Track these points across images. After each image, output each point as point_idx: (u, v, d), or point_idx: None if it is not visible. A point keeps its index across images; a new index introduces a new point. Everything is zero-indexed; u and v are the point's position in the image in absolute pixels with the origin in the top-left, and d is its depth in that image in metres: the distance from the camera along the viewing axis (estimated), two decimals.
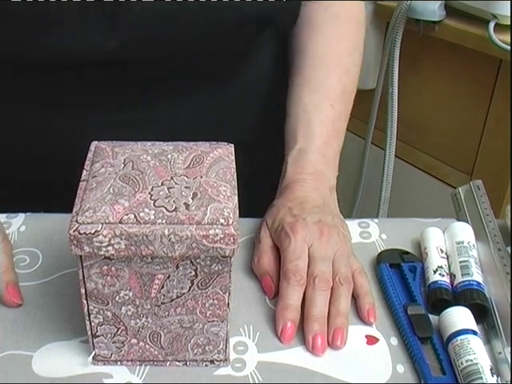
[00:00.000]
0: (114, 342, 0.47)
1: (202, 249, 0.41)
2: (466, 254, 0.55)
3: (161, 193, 0.43)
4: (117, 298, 0.44)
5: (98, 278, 0.43)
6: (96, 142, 0.49)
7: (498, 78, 1.13)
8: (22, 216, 0.62)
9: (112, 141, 0.49)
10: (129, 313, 0.45)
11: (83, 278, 0.43)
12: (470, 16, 1.10)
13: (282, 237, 0.54)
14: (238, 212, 0.43)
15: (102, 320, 0.45)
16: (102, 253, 0.41)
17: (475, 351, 0.46)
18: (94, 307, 0.45)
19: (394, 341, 0.51)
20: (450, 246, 0.57)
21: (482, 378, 0.45)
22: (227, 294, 0.45)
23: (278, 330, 0.50)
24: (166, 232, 0.41)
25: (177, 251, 0.41)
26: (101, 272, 0.43)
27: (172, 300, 0.45)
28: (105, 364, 0.48)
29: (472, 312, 0.50)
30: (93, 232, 0.40)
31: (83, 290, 0.44)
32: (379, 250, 0.59)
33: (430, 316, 0.52)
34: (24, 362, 0.48)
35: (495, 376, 0.45)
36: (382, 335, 0.51)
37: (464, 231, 0.58)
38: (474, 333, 0.48)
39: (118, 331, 0.46)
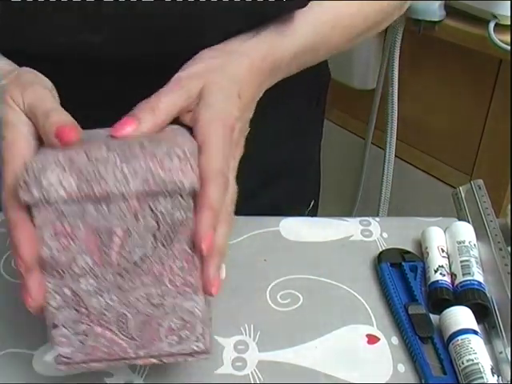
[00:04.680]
0: (76, 334, 0.42)
1: (158, 183, 0.39)
2: (466, 254, 0.55)
3: (115, 143, 0.41)
4: (74, 267, 0.41)
5: (52, 240, 0.40)
6: None
7: (497, 78, 1.13)
8: None
9: None
10: (90, 288, 0.41)
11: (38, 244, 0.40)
12: (470, 16, 1.10)
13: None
14: (196, 150, 0.41)
15: (60, 302, 0.41)
16: (51, 195, 0.38)
17: (476, 351, 0.46)
18: (50, 283, 0.41)
19: (395, 340, 0.51)
20: (450, 245, 0.57)
21: (482, 377, 0.45)
22: (196, 253, 0.41)
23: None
24: (118, 162, 0.39)
25: (132, 186, 0.39)
26: (54, 231, 0.40)
27: (136, 265, 0.41)
28: (69, 368, 0.43)
29: (473, 312, 0.50)
30: (42, 171, 0.38)
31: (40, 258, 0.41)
32: (380, 249, 0.59)
33: (431, 315, 0.52)
34: (25, 360, 0.48)
35: (496, 376, 0.45)
36: (382, 335, 0.51)
37: (465, 231, 0.58)
38: (475, 332, 0.48)
39: (80, 317, 0.42)
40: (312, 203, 0.82)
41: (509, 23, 1.05)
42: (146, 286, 0.41)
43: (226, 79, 0.48)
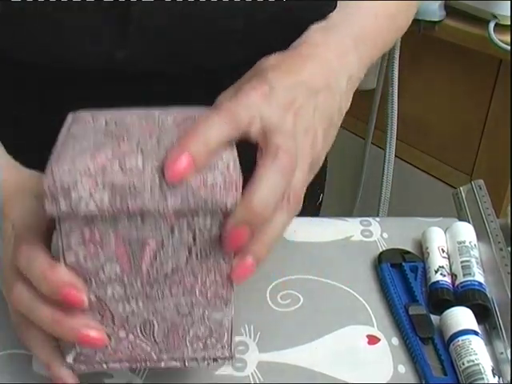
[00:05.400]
0: None
1: (198, 202, 0.36)
2: (467, 254, 0.55)
3: (149, 144, 0.37)
4: (101, 274, 0.38)
5: (79, 246, 0.37)
6: (72, 113, 0.43)
7: (497, 78, 1.13)
8: None
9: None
10: (116, 295, 0.39)
11: (62, 248, 0.37)
12: (470, 16, 1.10)
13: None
14: (238, 163, 0.37)
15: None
16: (81, 209, 0.35)
17: (477, 352, 0.46)
18: None
19: (395, 341, 0.51)
20: (451, 245, 0.57)
21: (483, 378, 0.45)
22: (230, 265, 0.39)
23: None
24: (157, 180, 0.35)
25: (169, 204, 0.35)
26: (82, 238, 0.37)
27: (166, 276, 0.38)
28: (87, 367, 0.41)
29: (473, 312, 0.50)
30: (71, 183, 0.35)
31: (62, 265, 0.38)
32: (380, 249, 0.59)
33: (432, 316, 0.51)
34: (24, 361, 0.48)
35: (497, 376, 0.45)
36: (383, 335, 0.51)
37: (465, 231, 0.58)
38: (476, 333, 0.48)
39: (102, 319, 0.40)
40: (321, 196, 0.82)
41: (509, 23, 1.05)
42: (175, 296, 0.39)
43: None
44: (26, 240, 0.40)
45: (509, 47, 1.03)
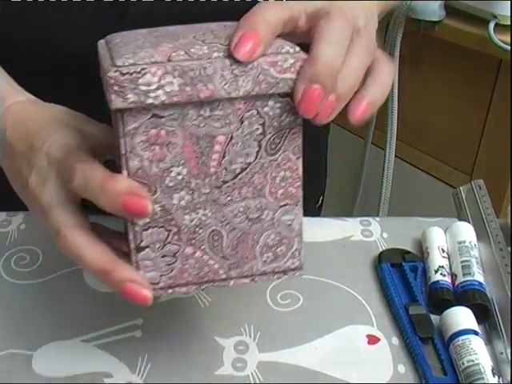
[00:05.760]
0: (163, 257, 0.38)
1: (270, 82, 0.35)
2: (467, 254, 0.55)
3: (207, 37, 0.36)
4: (167, 180, 0.36)
5: (145, 149, 0.35)
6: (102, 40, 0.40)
7: (497, 78, 1.13)
8: (21, 214, 0.62)
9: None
10: (182, 203, 0.37)
11: (125, 155, 0.35)
12: (470, 16, 1.10)
13: None
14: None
15: (148, 220, 0.37)
16: (149, 101, 0.34)
17: (477, 351, 0.46)
18: None
19: (395, 341, 0.51)
20: (451, 245, 0.57)
21: (483, 378, 0.45)
22: (300, 161, 0.38)
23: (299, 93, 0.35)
24: (228, 62, 0.34)
25: (241, 88, 0.35)
26: (148, 140, 0.35)
27: (236, 176, 0.37)
28: (152, 294, 0.38)
29: (473, 312, 0.50)
30: (138, 71, 0.33)
31: (125, 173, 0.36)
32: (380, 249, 0.59)
33: (432, 316, 0.52)
34: (24, 361, 0.48)
35: (496, 376, 0.45)
36: (383, 335, 0.51)
37: (465, 231, 0.58)
38: (476, 333, 0.48)
39: (168, 236, 0.38)
40: (321, 199, 0.81)
41: (509, 23, 1.05)
42: (245, 199, 0.38)
43: None
44: (77, 159, 0.37)
45: (509, 47, 1.03)
